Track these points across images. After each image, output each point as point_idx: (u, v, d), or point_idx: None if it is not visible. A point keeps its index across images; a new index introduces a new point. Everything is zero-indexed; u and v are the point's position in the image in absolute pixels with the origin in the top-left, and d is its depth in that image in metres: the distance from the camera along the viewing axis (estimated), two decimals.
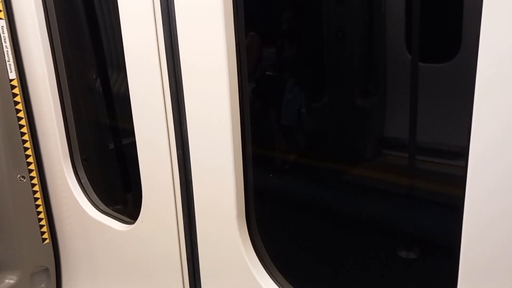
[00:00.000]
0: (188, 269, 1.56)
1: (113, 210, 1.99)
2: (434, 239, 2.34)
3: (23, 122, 2.00)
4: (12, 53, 1.94)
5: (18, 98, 1.98)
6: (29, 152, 2.03)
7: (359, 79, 3.42)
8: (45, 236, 2.11)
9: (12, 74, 1.96)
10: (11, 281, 2.06)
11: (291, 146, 3.47)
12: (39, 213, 2.08)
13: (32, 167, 2.04)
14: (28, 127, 2.02)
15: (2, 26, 1.91)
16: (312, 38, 3.31)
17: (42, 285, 2.15)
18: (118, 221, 1.86)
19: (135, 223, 1.71)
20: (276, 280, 1.34)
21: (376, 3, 3.48)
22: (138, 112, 1.54)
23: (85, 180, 2.03)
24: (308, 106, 3.39)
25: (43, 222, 2.10)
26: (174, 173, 1.50)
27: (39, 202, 2.07)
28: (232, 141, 1.30)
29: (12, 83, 1.96)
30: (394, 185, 2.88)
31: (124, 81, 1.62)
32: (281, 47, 3.35)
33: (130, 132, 1.66)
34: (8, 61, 1.94)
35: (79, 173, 2.04)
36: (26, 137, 2.01)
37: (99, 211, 1.94)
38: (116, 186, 2.31)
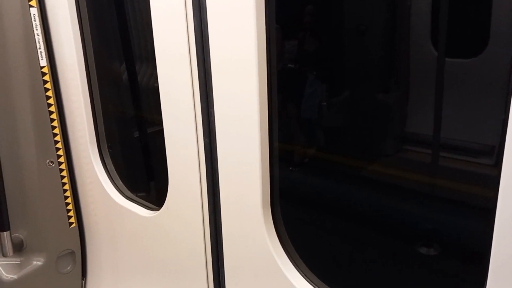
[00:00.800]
0: (212, 256, 1.59)
1: (138, 196, 2.03)
2: (455, 237, 2.32)
3: (52, 109, 2.05)
4: (43, 41, 1.99)
5: (48, 85, 2.03)
6: (57, 138, 2.08)
7: (382, 74, 3.39)
8: (72, 220, 2.17)
9: (43, 62, 2.00)
10: (38, 263, 2.12)
11: (311, 140, 3.46)
12: (66, 197, 2.13)
13: (60, 152, 2.09)
14: (58, 114, 2.07)
15: (34, 14, 1.95)
16: (334, 31, 3.29)
17: (68, 268, 2.22)
18: (143, 207, 1.89)
19: (160, 210, 1.74)
20: (300, 270, 1.35)
21: None
22: (167, 100, 1.56)
23: (111, 166, 2.08)
24: (329, 100, 3.38)
25: (70, 207, 2.15)
26: (200, 161, 1.53)
27: (66, 187, 2.12)
28: (260, 132, 1.31)
29: (42, 70, 2.00)
30: (415, 182, 2.86)
31: (152, 72, 1.64)
32: (303, 40, 3.34)
33: (156, 121, 1.69)
34: (40, 48, 1.98)
35: (105, 160, 2.09)
36: (55, 123, 2.06)
37: (125, 197, 1.98)
38: (141, 173, 2.35)
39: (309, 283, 1.36)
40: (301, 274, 1.36)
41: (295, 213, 1.89)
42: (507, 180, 0.87)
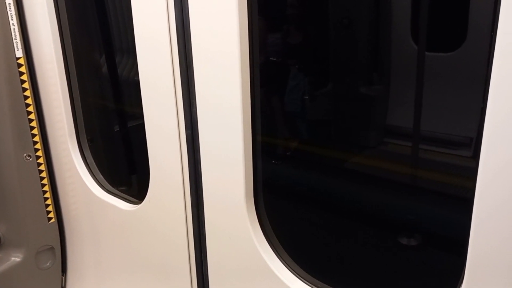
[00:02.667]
0: (195, 249, 1.57)
1: (119, 190, 2.00)
2: (435, 227, 2.37)
3: (29, 101, 2.00)
4: (19, 32, 1.93)
5: (24, 77, 1.97)
6: (35, 131, 2.03)
7: (364, 67, 3.42)
8: (51, 215, 2.13)
9: (19, 53, 1.95)
10: (17, 259, 2.07)
11: (294, 133, 3.48)
12: (44, 192, 2.08)
13: (38, 146, 2.04)
14: (35, 106, 2.02)
15: (9, 4, 1.90)
16: (317, 24, 3.30)
17: (48, 264, 2.17)
18: (125, 201, 1.87)
19: (142, 203, 1.72)
20: (284, 261, 1.36)
21: None
22: (147, 91, 1.54)
23: (90, 160, 2.04)
24: (312, 93, 3.39)
25: (48, 201, 2.11)
26: (182, 153, 1.51)
27: (44, 181, 2.08)
28: (242, 124, 1.30)
29: (18, 61, 1.95)
30: (396, 173, 2.90)
31: (132, 63, 1.61)
32: (286, 33, 3.34)
33: (136, 114, 1.66)
34: (15, 39, 1.93)
35: (85, 153, 2.05)
36: (32, 116, 2.01)
37: (105, 191, 1.95)
38: (122, 166, 2.32)
39: (292, 273, 1.36)
40: (284, 265, 1.36)
41: (279, 205, 1.89)
42: (484, 172, 0.89)
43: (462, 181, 2.53)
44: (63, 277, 2.27)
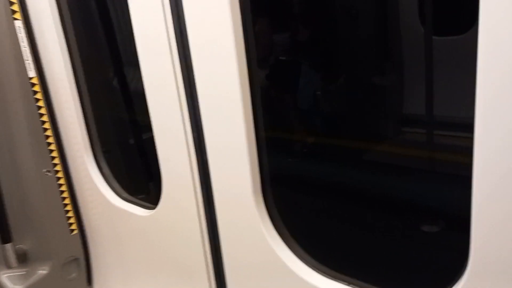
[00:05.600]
0: (211, 247, 1.60)
1: (136, 197, 2.05)
2: (454, 211, 2.32)
3: (45, 118, 2.07)
4: (30, 53, 2.00)
5: (39, 96, 2.05)
6: (52, 147, 2.10)
7: (374, 57, 3.39)
8: (73, 227, 2.19)
9: (32, 73, 2.02)
10: (44, 272, 2.14)
11: (309, 128, 3.47)
12: (65, 205, 2.15)
13: (56, 161, 2.11)
14: (51, 124, 2.09)
15: (19, 27, 1.98)
16: (325, 18, 3.29)
17: (73, 275, 2.24)
18: (141, 207, 1.91)
19: (157, 207, 1.76)
20: (294, 251, 1.36)
21: None
22: (153, 100, 1.59)
23: (107, 170, 2.10)
24: (324, 88, 3.38)
25: (70, 214, 2.17)
26: (191, 155, 1.54)
27: (65, 194, 2.14)
28: (244, 121, 1.33)
29: (32, 81, 2.02)
30: (413, 161, 2.86)
31: (139, 75, 1.66)
32: (293, 31, 3.34)
33: (145, 122, 1.71)
34: (27, 60, 2.00)
35: (101, 164, 2.11)
36: (49, 133, 2.08)
37: (122, 199, 2.00)
38: (137, 174, 2.37)
39: (308, 266, 1.37)
40: (297, 258, 1.37)
41: (290, 198, 1.90)
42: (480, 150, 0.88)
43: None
44: (90, 287, 2.33)
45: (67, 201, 2.15)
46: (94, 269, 2.31)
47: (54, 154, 2.11)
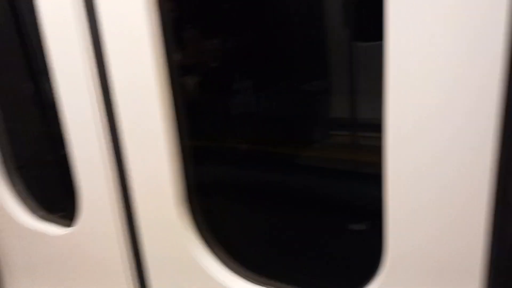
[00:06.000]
0: (132, 262, 1.52)
1: (55, 215, 1.90)
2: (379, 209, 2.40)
3: None
4: None
5: None
6: None
7: (301, 64, 3.45)
8: None
9: None
10: None
11: (242, 134, 3.45)
12: None
13: None
14: None
15: None
16: (249, 26, 3.30)
17: None
18: (59, 225, 1.77)
19: (73, 226, 1.64)
20: (221, 260, 1.33)
21: None
22: (68, 111, 1.49)
23: (20, 188, 1.93)
24: (255, 95, 3.39)
25: None
26: (107, 166, 1.46)
27: None
28: (164, 130, 1.28)
29: None
30: (341, 163, 2.94)
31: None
32: (219, 39, 3.33)
33: (60, 137, 1.60)
34: None
35: (13, 182, 1.94)
36: None
37: (36, 218, 1.84)
38: (55, 190, 2.21)
39: (231, 273, 1.34)
40: (222, 267, 1.34)
41: (220, 206, 1.86)
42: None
43: None
44: None
45: None
46: None
47: None
